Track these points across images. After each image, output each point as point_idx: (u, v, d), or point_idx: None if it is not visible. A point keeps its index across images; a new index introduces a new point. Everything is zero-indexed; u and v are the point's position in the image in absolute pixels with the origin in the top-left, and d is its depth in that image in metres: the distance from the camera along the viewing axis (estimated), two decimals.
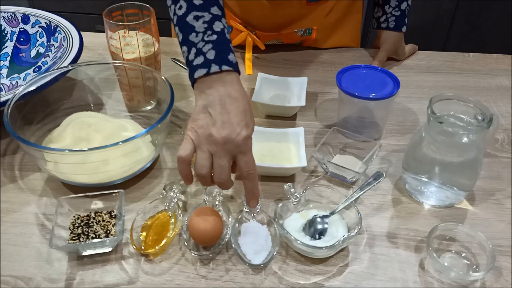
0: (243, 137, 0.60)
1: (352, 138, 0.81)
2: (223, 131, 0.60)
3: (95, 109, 0.88)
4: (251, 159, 0.62)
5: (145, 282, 0.62)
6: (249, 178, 0.63)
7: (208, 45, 0.64)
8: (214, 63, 0.63)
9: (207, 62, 0.63)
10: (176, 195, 0.70)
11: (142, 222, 0.68)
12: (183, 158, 0.62)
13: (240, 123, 0.61)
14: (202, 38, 0.65)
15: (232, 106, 0.62)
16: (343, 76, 0.83)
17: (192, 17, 0.66)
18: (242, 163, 0.62)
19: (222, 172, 0.61)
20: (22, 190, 0.74)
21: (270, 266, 0.64)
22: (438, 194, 0.72)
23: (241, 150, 0.61)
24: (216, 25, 0.66)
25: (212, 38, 0.65)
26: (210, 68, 0.63)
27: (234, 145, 0.60)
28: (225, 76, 0.63)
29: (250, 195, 0.65)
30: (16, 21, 1.00)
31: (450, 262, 0.65)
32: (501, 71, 1.07)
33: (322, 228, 0.67)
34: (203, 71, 0.63)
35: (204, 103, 0.62)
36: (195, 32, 0.65)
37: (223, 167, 0.61)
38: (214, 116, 0.61)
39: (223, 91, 0.62)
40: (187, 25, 0.66)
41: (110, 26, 0.81)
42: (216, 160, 0.61)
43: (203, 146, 0.61)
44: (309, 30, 1.05)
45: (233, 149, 0.61)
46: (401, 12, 1.02)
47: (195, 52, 0.65)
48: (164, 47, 1.09)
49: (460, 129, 0.68)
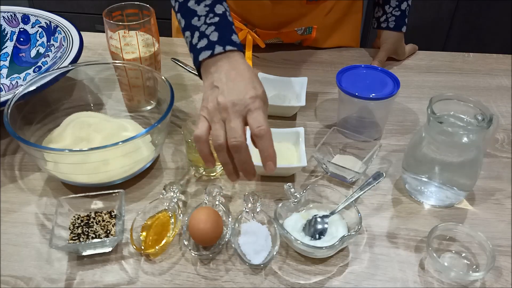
0: (250, 96, 0.60)
1: (352, 138, 0.81)
2: (229, 96, 0.60)
3: (95, 109, 0.88)
4: (260, 116, 0.60)
5: (145, 282, 0.62)
6: (260, 135, 0.59)
7: (211, 27, 0.65)
8: (218, 44, 0.64)
9: (211, 44, 0.64)
10: (176, 195, 0.70)
11: (142, 222, 0.68)
12: (199, 136, 0.61)
13: (247, 86, 0.61)
14: (204, 21, 0.66)
15: (237, 76, 0.62)
16: (343, 76, 0.83)
17: (193, 2, 0.68)
18: (251, 120, 0.60)
19: (234, 133, 0.59)
20: (22, 190, 0.74)
21: (270, 266, 0.64)
22: (438, 194, 0.72)
23: (249, 108, 0.60)
24: (218, 8, 0.67)
25: (214, 21, 0.66)
26: (214, 49, 0.64)
27: (242, 105, 0.60)
28: (229, 55, 0.64)
29: (265, 157, 0.60)
30: (16, 21, 1.00)
31: (450, 262, 0.65)
32: (501, 71, 1.07)
33: (322, 228, 0.67)
34: (207, 53, 0.64)
35: (211, 81, 0.63)
36: (197, 16, 0.67)
37: (234, 128, 0.59)
38: (221, 87, 0.61)
39: (228, 66, 0.63)
40: (189, 10, 0.68)
41: (110, 26, 0.81)
42: (227, 125, 0.60)
43: (215, 118, 0.61)
44: (309, 29, 1.05)
45: (242, 110, 0.60)
46: (401, 12, 1.02)
47: (198, 36, 0.66)
48: (164, 47, 1.09)
49: (460, 129, 0.68)
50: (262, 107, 0.61)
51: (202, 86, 0.97)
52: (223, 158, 0.61)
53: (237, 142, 0.59)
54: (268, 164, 0.60)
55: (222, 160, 0.61)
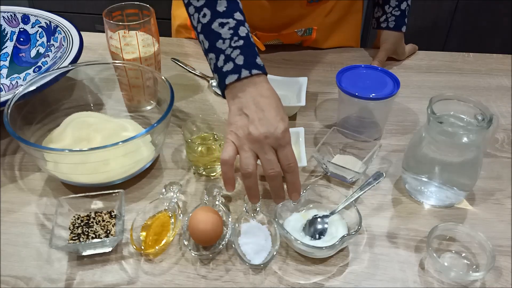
0: (281, 130, 0.62)
1: (352, 138, 0.81)
2: (261, 127, 0.62)
3: (95, 109, 0.87)
4: (290, 152, 0.63)
5: (145, 282, 0.62)
6: (290, 171, 0.63)
7: (236, 51, 0.66)
8: (244, 68, 0.65)
9: (237, 68, 0.66)
10: (176, 195, 0.70)
11: (142, 222, 0.68)
12: (226, 161, 0.63)
13: (276, 118, 0.63)
14: (229, 44, 0.67)
15: (265, 104, 0.64)
16: (343, 76, 0.83)
17: (217, 24, 0.68)
18: (282, 156, 0.63)
19: (271, 164, 0.63)
20: (22, 190, 0.74)
21: (270, 266, 0.64)
22: (438, 194, 0.72)
23: (280, 143, 0.63)
24: (241, 30, 0.68)
25: (239, 44, 0.67)
26: (241, 74, 0.65)
27: (274, 139, 0.62)
28: (255, 79, 0.66)
29: (292, 188, 0.65)
30: (16, 21, 1.00)
31: (450, 262, 0.65)
32: (501, 71, 1.07)
33: (322, 228, 0.67)
34: (234, 76, 0.65)
35: (239, 106, 0.65)
36: (221, 39, 0.67)
37: (271, 161, 0.63)
38: (250, 116, 0.63)
39: (255, 92, 0.65)
40: (213, 32, 0.68)
41: (110, 26, 0.81)
42: (262, 156, 0.63)
43: (245, 146, 0.63)
44: (309, 30, 1.05)
45: (274, 143, 0.63)
46: (401, 12, 1.02)
47: (224, 59, 0.67)
48: (164, 47, 1.09)
49: (460, 129, 0.68)
50: (290, 140, 0.64)
51: (203, 87, 0.98)
52: (249, 184, 0.64)
53: (275, 173, 0.63)
54: (294, 194, 0.65)
55: (248, 185, 0.64)
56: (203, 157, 0.76)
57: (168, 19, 1.20)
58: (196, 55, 1.09)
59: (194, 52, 1.10)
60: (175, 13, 1.16)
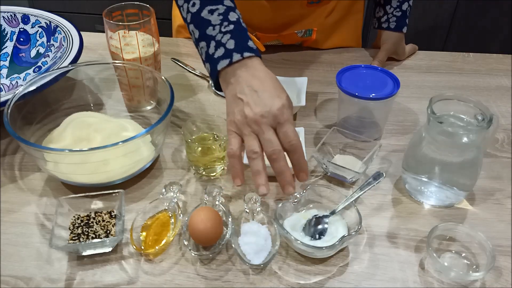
0: (277, 107, 0.61)
1: (352, 138, 0.81)
2: (256, 108, 0.61)
3: (95, 109, 0.88)
4: (290, 129, 0.61)
5: (145, 282, 0.62)
6: (292, 150, 0.62)
7: (227, 36, 0.65)
8: (235, 51, 0.64)
9: (229, 52, 0.64)
10: (176, 195, 0.70)
11: (142, 222, 0.68)
12: (233, 153, 0.61)
13: (271, 96, 0.62)
14: (219, 30, 0.66)
15: (259, 85, 0.62)
16: (343, 76, 0.83)
17: (206, 11, 0.67)
18: (281, 134, 0.61)
19: (271, 145, 0.61)
20: (22, 190, 0.74)
21: (270, 266, 0.64)
22: (438, 194, 0.72)
23: (278, 121, 0.61)
24: (231, 15, 0.67)
25: (229, 28, 0.66)
26: (232, 58, 0.64)
27: (271, 117, 0.61)
28: (247, 62, 0.64)
29: (297, 168, 0.63)
30: (16, 21, 1.00)
31: (450, 262, 0.65)
32: (501, 71, 1.07)
33: (322, 228, 0.67)
34: (225, 61, 0.64)
35: (233, 93, 0.64)
36: (211, 26, 0.66)
37: (270, 140, 0.61)
38: (245, 99, 0.62)
39: (248, 75, 0.63)
40: (203, 20, 0.67)
41: (110, 26, 0.81)
42: (261, 137, 0.61)
43: (245, 130, 0.62)
44: (309, 31, 1.05)
45: (272, 122, 0.61)
46: (402, 12, 1.02)
47: (214, 45, 0.65)
48: (164, 47, 1.09)
49: (460, 129, 0.68)
50: (289, 117, 0.62)
51: (203, 87, 0.98)
52: (256, 166, 0.61)
53: (277, 153, 0.61)
54: (301, 174, 0.63)
55: (255, 168, 0.61)
56: (203, 157, 0.76)
57: (168, 19, 1.20)
58: (196, 55, 1.08)
59: (194, 52, 1.10)
60: (176, 12, 1.16)
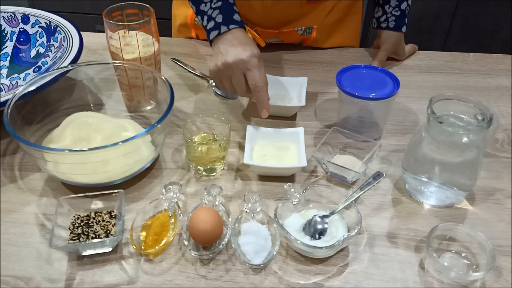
0: (248, 55, 0.75)
1: (352, 138, 0.81)
2: (231, 55, 0.76)
3: (95, 109, 0.88)
4: (257, 74, 0.76)
5: (145, 282, 0.62)
6: (257, 90, 0.77)
7: (216, 11, 0.82)
8: (223, 24, 0.81)
9: (217, 25, 0.82)
10: (176, 195, 0.70)
11: (142, 222, 0.68)
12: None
13: (245, 48, 0.76)
14: (210, 6, 0.83)
15: (237, 41, 0.78)
16: (343, 76, 0.83)
17: None
18: (249, 78, 0.76)
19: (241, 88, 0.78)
20: (22, 190, 0.74)
21: (270, 266, 0.64)
22: (438, 194, 0.72)
23: (248, 67, 0.76)
24: None
25: (218, 5, 0.83)
26: (220, 29, 0.81)
27: (243, 63, 0.75)
28: (232, 31, 0.81)
29: (260, 105, 0.79)
30: (16, 21, 1.00)
31: (450, 262, 0.65)
32: (501, 71, 1.07)
33: (322, 228, 0.67)
34: (215, 32, 0.81)
35: (217, 51, 0.79)
36: (204, 3, 0.84)
37: (241, 83, 0.77)
38: (224, 51, 0.77)
39: (231, 38, 0.79)
40: None
41: (110, 26, 0.81)
42: (234, 80, 0.78)
43: (224, 75, 0.78)
44: (310, 29, 1.05)
45: (243, 67, 0.76)
46: (401, 12, 1.02)
47: (206, 19, 0.83)
48: (164, 47, 1.09)
49: (460, 129, 0.68)
50: (257, 65, 0.76)
51: (203, 87, 0.98)
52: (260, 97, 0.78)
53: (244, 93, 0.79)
54: (263, 111, 0.79)
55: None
56: (203, 157, 0.76)
57: (168, 19, 1.20)
58: (196, 55, 1.09)
59: (194, 52, 1.10)
60: (176, 12, 1.16)
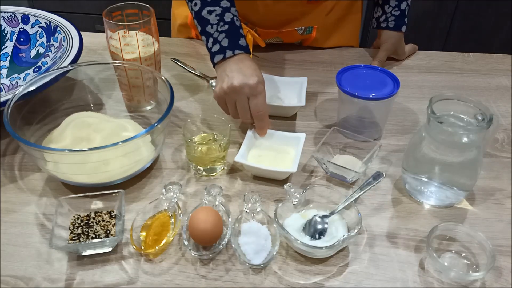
0: (255, 81, 0.74)
1: (352, 138, 0.81)
2: (238, 79, 0.75)
3: (95, 109, 0.88)
4: (260, 102, 0.76)
5: (145, 282, 0.62)
6: (259, 119, 0.78)
7: (222, 35, 0.79)
8: (228, 49, 0.78)
9: (223, 49, 0.78)
10: (176, 195, 0.70)
11: (142, 222, 0.68)
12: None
13: (252, 73, 0.75)
14: (216, 29, 0.79)
15: (243, 67, 0.76)
16: (343, 76, 0.83)
17: (206, 11, 0.81)
18: (252, 105, 0.76)
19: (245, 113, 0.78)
20: (22, 190, 0.74)
21: (270, 266, 0.64)
22: (438, 194, 0.72)
23: (253, 93, 0.75)
24: (227, 16, 0.80)
25: (224, 28, 0.79)
26: (225, 54, 0.78)
27: (248, 88, 0.74)
28: (238, 56, 0.78)
29: (260, 131, 0.80)
30: (16, 21, 1.00)
31: (450, 262, 0.65)
32: (501, 71, 1.07)
33: (322, 228, 0.67)
34: (220, 56, 0.78)
35: (223, 74, 0.77)
36: (210, 24, 0.80)
37: (245, 108, 0.77)
38: (230, 74, 0.76)
39: (237, 62, 0.78)
40: (203, 19, 0.81)
41: (110, 26, 0.81)
42: (238, 105, 0.77)
43: (229, 99, 0.77)
44: (310, 29, 1.05)
45: (248, 92, 0.75)
46: (400, 12, 1.02)
47: (212, 41, 0.80)
48: (164, 47, 1.09)
49: (460, 129, 0.68)
50: (262, 91, 0.76)
51: (203, 87, 0.98)
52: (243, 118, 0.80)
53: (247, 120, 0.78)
54: (261, 134, 0.80)
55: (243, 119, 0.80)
56: (203, 157, 0.76)
57: (168, 19, 1.20)
58: (196, 55, 1.09)
59: (194, 52, 1.10)
60: (176, 11, 1.16)
